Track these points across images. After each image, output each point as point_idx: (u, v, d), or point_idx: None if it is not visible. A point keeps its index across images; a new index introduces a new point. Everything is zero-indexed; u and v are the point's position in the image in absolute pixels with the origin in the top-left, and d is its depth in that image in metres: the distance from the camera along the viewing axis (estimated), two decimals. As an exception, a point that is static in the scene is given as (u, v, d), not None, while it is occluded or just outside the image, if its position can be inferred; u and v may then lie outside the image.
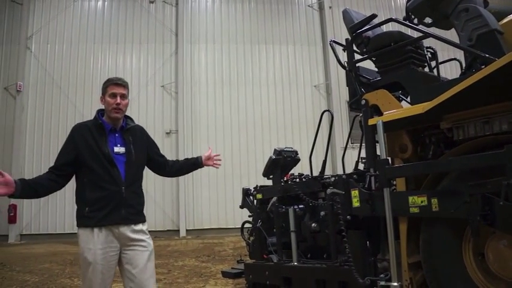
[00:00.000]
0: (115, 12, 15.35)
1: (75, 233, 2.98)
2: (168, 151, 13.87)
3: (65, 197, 13.80)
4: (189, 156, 3.90)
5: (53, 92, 14.62)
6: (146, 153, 3.28)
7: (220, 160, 3.67)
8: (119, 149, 3.04)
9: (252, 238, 4.76)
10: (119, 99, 3.02)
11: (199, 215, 13.92)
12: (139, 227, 3.04)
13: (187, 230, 13.77)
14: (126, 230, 2.94)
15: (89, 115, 13.82)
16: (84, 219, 2.89)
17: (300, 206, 4.26)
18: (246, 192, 5.19)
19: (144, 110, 14.30)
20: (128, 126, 3.15)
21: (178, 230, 13.73)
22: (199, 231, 13.72)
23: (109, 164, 2.93)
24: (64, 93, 14.58)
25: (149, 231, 3.14)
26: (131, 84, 14.39)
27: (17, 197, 2.78)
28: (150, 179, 14.09)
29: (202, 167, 3.65)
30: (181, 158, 14.28)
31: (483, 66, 2.88)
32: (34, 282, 6.56)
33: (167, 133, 14.36)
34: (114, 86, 3.06)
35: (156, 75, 14.86)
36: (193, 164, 3.63)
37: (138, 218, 3.05)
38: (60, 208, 13.74)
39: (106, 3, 15.44)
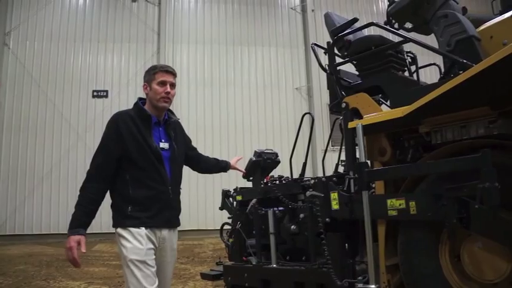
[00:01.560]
0: (96, 10, 15.17)
1: (54, 234, 2.92)
2: (148, 151, 13.74)
3: (42, 196, 13.61)
4: None
5: (32, 89, 14.38)
6: (185, 149, 3.13)
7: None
8: (163, 145, 2.84)
9: (231, 240, 4.74)
10: (169, 88, 2.82)
11: (182, 216, 13.77)
12: (176, 233, 2.96)
13: (167, 231, 13.66)
14: (166, 235, 2.83)
15: (69, 114, 13.86)
16: (128, 219, 2.72)
17: (280, 208, 4.26)
18: (225, 194, 5.18)
19: (125, 110, 14.18)
20: (170, 120, 2.97)
21: (159, 231, 13.61)
22: (178, 233, 13.60)
23: (157, 160, 2.75)
24: (43, 92, 14.35)
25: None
26: (111, 83, 14.36)
27: None
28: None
29: (226, 171, 3.74)
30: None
31: (461, 72, 2.92)
32: (8, 284, 6.43)
33: (148, 133, 14.26)
34: (164, 74, 2.85)
35: (138, 75, 14.70)
36: (222, 168, 3.68)
37: (178, 222, 2.96)
38: (37, 208, 13.52)
39: (87, 1, 15.26)
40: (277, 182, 4.54)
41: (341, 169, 4.54)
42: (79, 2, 15.20)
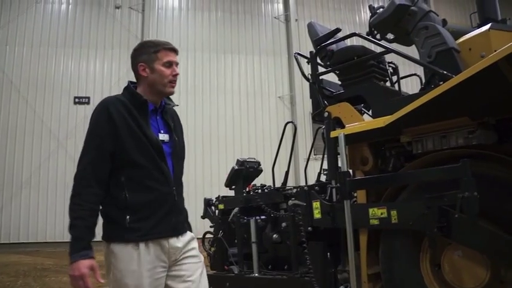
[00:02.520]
0: (79, 16, 15.03)
1: (32, 243, 2.60)
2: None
3: (21, 204, 13.37)
4: None
5: (11, 95, 14.10)
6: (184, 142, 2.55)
7: None
8: (163, 136, 2.30)
9: (213, 249, 4.71)
10: (177, 70, 2.34)
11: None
12: (188, 235, 2.36)
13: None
14: (176, 242, 2.25)
15: (49, 120, 13.66)
16: (125, 232, 2.13)
17: (262, 217, 4.25)
18: (207, 203, 5.14)
19: (107, 117, 14.03)
20: (167, 107, 2.43)
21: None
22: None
23: (158, 156, 2.21)
24: (23, 97, 14.10)
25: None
26: (93, 90, 14.22)
27: None
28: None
29: None
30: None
31: (441, 83, 2.96)
32: (-18, 296, 6.28)
33: (129, 140, 14.11)
34: (168, 52, 2.34)
35: (120, 82, 14.56)
36: None
37: (186, 226, 2.40)
38: (15, 216, 13.24)
39: (70, 6, 15.11)
40: (260, 190, 4.53)
41: (323, 178, 4.55)
42: (62, 7, 15.05)
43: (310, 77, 3.94)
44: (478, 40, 3.48)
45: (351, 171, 3.48)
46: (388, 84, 4.05)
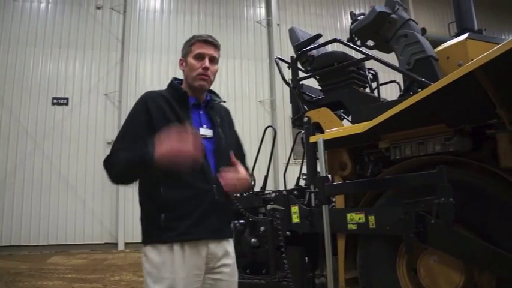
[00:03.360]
0: (59, 16, 14.80)
1: (5, 246, 2.39)
2: (109, 161, 13.48)
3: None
4: None
5: (-13, 95, 13.84)
6: (236, 142, 2.43)
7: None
8: (205, 131, 2.19)
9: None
10: (207, 62, 2.20)
11: (139, 227, 13.30)
12: (230, 245, 2.21)
13: (126, 243, 13.35)
14: (217, 249, 2.10)
15: (26, 121, 13.42)
16: (159, 232, 2.01)
17: (241, 221, 4.24)
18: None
19: (86, 118, 13.82)
20: (213, 103, 2.34)
21: (117, 243, 13.30)
22: (138, 245, 13.28)
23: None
24: (-1, 98, 13.85)
25: (85, 245, 2.20)
26: (72, 91, 14.01)
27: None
28: (88, 187, 13.53)
29: None
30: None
31: (420, 90, 3.00)
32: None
33: (108, 143, 13.87)
34: (202, 44, 2.22)
35: (100, 83, 14.43)
36: None
37: (230, 230, 2.26)
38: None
39: (50, 5, 14.86)
40: (238, 194, 4.51)
41: (302, 183, 4.57)
42: (41, 6, 14.79)
43: (290, 81, 3.96)
44: (455, 49, 3.54)
45: (330, 176, 3.50)
46: (367, 90, 4.09)
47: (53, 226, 12.61)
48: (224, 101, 2.47)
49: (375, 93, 4.22)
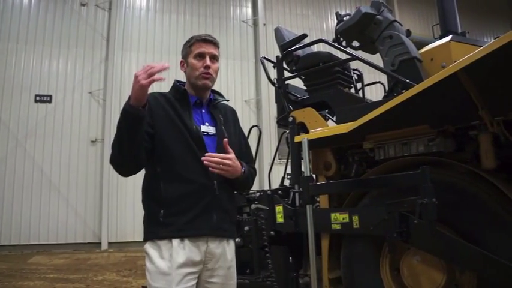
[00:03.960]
0: (42, 12, 14.59)
1: None
2: (93, 160, 13.36)
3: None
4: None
5: (-34, 93, 13.60)
6: (240, 142, 2.41)
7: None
8: (207, 128, 2.21)
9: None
10: (208, 61, 2.23)
11: (122, 227, 13.42)
12: (232, 246, 2.20)
13: (109, 243, 13.23)
14: (216, 248, 2.09)
15: (8, 118, 13.21)
16: (158, 228, 2.03)
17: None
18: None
19: (69, 116, 13.66)
20: (216, 101, 2.37)
21: (100, 243, 13.18)
22: (122, 244, 13.22)
23: (198, 146, 2.09)
24: (-21, 95, 13.62)
25: (67, 244, 2.15)
26: (56, 88, 13.84)
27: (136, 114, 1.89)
28: (72, 186, 13.37)
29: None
30: (105, 168, 13.55)
31: (404, 91, 3.02)
32: None
33: (92, 141, 13.79)
34: (202, 44, 2.25)
35: (84, 81, 14.27)
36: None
37: (232, 230, 2.23)
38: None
39: (33, 1, 14.66)
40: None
41: (287, 182, 4.57)
42: (23, 2, 14.54)
43: (276, 81, 3.95)
44: (439, 51, 3.58)
45: (314, 176, 3.50)
46: (352, 91, 4.10)
47: (35, 225, 12.44)
48: (227, 100, 2.49)
49: (360, 93, 4.24)
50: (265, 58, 4.47)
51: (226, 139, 2.13)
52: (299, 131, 3.63)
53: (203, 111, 2.27)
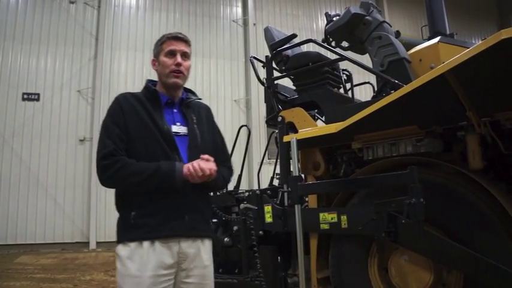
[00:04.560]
0: (30, 9, 14.44)
1: None
2: (81, 159, 13.26)
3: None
4: None
5: (-49, 88, 13.41)
6: (214, 141, 2.37)
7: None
8: (178, 128, 2.18)
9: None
10: (179, 58, 2.22)
11: (111, 226, 13.28)
12: (207, 245, 2.18)
13: (97, 242, 13.13)
14: (190, 248, 2.06)
15: (-6, 117, 13.02)
16: (129, 230, 2.00)
17: (214, 220, 4.21)
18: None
19: (58, 115, 13.53)
20: (189, 100, 2.34)
21: (88, 242, 13.08)
22: (110, 244, 13.11)
23: (169, 146, 2.08)
24: (-35, 93, 13.45)
25: (55, 244, 2.15)
26: (44, 87, 13.71)
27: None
28: (60, 185, 13.23)
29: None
30: (94, 167, 13.67)
31: (392, 91, 3.04)
32: None
33: (81, 140, 13.68)
34: (172, 41, 2.24)
35: (72, 80, 14.15)
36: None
37: (207, 229, 2.20)
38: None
39: (20, -1, 14.54)
40: (212, 193, 4.49)
41: (276, 182, 4.58)
42: None
43: (265, 81, 3.95)
44: (428, 52, 3.60)
45: (303, 175, 3.51)
46: (341, 91, 4.11)
47: (22, 225, 12.31)
48: (200, 99, 2.47)
49: (349, 94, 4.25)
50: (255, 58, 4.47)
51: (206, 155, 2.11)
52: (288, 131, 3.63)
53: (175, 110, 2.26)
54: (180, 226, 2.03)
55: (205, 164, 2.04)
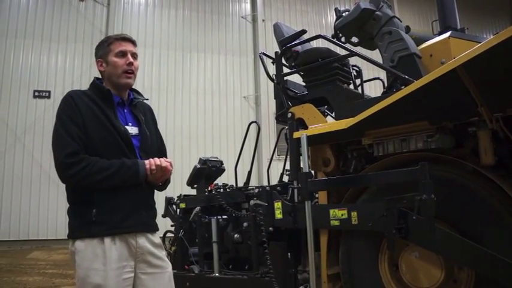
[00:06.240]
0: (41, 7, 14.53)
1: None
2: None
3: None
4: None
5: (-36, 86, 13.54)
6: (158, 142, 2.46)
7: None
8: (131, 129, 2.23)
9: (173, 248, 4.66)
10: (131, 58, 2.26)
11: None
12: (157, 238, 2.29)
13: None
14: (145, 242, 2.17)
15: (6, 114, 13.18)
16: (90, 227, 2.05)
17: (224, 217, 4.23)
18: (169, 201, 5.09)
19: (67, 112, 13.61)
20: (136, 101, 2.37)
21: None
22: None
23: (127, 147, 2.15)
24: (-23, 92, 13.57)
25: (67, 240, 2.42)
26: (54, 84, 13.81)
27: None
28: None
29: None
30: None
31: (403, 87, 3.02)
32: None
33: (91, 137, 13.77)
34: (121, 42, 2.28)
35: (83, 77, 14.18)
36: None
37: (156, 224, 2.32)
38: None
39: (31, -3, 14.62)
40: (222, 190, 4.51)
41: (286, 179, 4.57)
42: (22, -2, 14.54)
43: (274, 77, 3.94)
44: (438, 47, 3.57)
45: (313, 172, 3.50)
46: (351, 87, 4.09)
47: (34, 221, 12.43)
48: (147, 99, 2.52)
49: (359, 89, 4.23)
50: (264, 54, 4.46)
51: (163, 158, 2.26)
52: (298, 127, 3.62)
53: (125, 111, 2.30)
54: (138, 222, 2.15)
55: (163, 162, 2.20)
